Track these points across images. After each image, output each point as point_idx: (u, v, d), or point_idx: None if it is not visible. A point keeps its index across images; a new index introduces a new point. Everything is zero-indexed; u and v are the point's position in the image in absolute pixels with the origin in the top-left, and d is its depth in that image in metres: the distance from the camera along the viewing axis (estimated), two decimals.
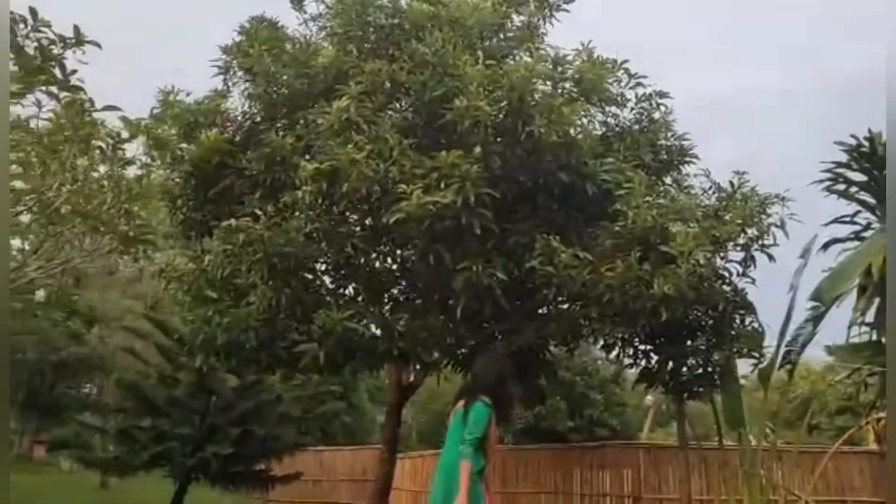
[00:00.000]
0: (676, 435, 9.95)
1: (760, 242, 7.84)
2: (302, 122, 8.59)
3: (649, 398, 28.24)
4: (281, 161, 8.42)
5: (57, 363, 19.58)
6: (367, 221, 8.51)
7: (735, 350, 7.76)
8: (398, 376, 10.25)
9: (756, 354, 7.93)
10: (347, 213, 8.43)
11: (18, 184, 3.38)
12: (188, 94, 9.40)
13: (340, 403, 20.92)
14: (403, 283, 9.48)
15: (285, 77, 8.86)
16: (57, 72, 3.94)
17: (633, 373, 21.91)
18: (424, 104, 8.05)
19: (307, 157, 8.23)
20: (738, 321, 7.93)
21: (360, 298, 9.43)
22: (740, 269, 7.99)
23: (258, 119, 9.37)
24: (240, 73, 9.29)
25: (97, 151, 3.91)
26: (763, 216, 7.79)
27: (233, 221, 7.64)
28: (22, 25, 3.93)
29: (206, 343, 8.27)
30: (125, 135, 4.14)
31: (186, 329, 13.55)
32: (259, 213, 7.96)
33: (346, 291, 9.40)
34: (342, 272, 9.21)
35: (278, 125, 9.08)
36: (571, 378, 18.89)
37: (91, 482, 18.88)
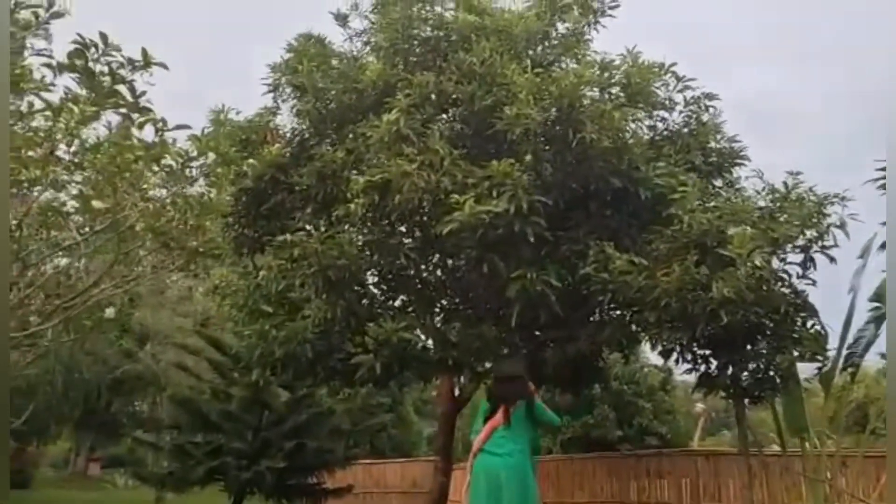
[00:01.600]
0: (727, 443, 9.77)
1: (820, 244, 7.67)
2: (351, 136, 8.67)
3: (700, 406, 27.77)
4: (332, 175, 8.51)
5: (112, 381, 20.00)
6: (418, 232, 8.54)
7: (798, 353, 7.59)
8: (450, 386, 10.25)
9: (820, 357, 7.75)
10: (399, 225, 8.47)
11: (97, 203, 3.47)
12: (238, 113, 9.60)
13: (389, 416, 20.99)
14: (454, 292, 9.48)
15: (333, 92, 8.96)
16: (127, 94, 4.03)
17: (680, 380, 21.50)
18: (473, 114, 8.08)
19: (356, 170, 8.32)
20: (799, 324, 7.75)
21: (410, 309, 9.47)
22: (800, 271, 7.82)
23: (307, 135, 9.50)
24: (289, 90, 9.43)
25: (166, 170, 4.00)
26: (821, 217, 7.64)
27: (287, 236, 7.73)
28: (93, 50, 4.04)
29: (263, 357, 8.37)
30: (193, 153, 4.23)
31: (238, 344, 13.82)
32: (310, 227, 8.05)
33: (398, 303, 9.44)
34: (394, 283, 9.25)
35: (328, 140, 9.21)
36: (619, 386, 18.71)
37: (146, 498, 19.20)
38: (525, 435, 6.39)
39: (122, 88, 4.06)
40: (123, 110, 4.09)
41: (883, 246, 9.00)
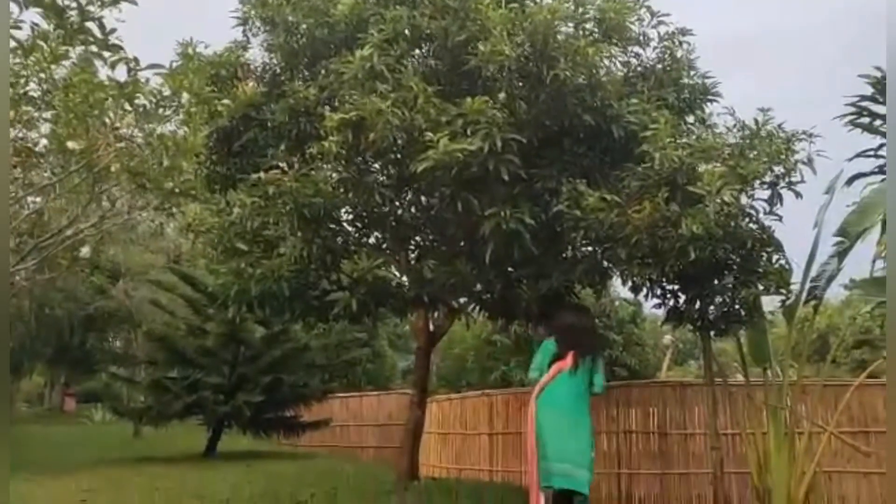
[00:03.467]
0: (694, 373, 10.10)
1: (787, 180, 7.83)
2: (324, 72, 8.57)
3: (668, 337, 28.51)
4: (305, 112, 8.43)
5: (85, 317, 19.96)
6: (392, 170, 8.54)
7: (763, 287, 7.82)
8: (426, 322, 10.41)
9: (784, 291, 8.00)
10: (373, 163, 8.47)
11: (71, 144, 3.45)
12: (206, 47, 9.39)
13: (364, 350, 21.28)
14: (429, 230, 9.55)
15: (305, 26, 8.80)
16: (97, 31, 3.97)
17: (650, 313, 22.00)
18: (447, 50, 8.01)
19: (330, 107, 8.24)
20: (765, 259, 7.97)
21: (385, 246, 9.55)
22: (767, 207, 8.00)
23: (278, 70, 9.36)
24: (258, 24, 9.24)
25: (140, 109, 3.96)
26: (790, 153, 7.76)
27: (262, 174, 7.70)
28: None
29: (239, 294, 8.42)
30: (167, 92, 4.18)
31: (213, 282, 13.86)
32: (284, 165, 8.02)
33: (373, 240, 9.51)
34: (368, 221, 9.28)
35: (300, 76, 9.08)
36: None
37: (124, 432, 19.46)
38: (585, 380, 7.64)
39: (91, 25, 3.98)
40: (94, 48, 4.02)
41: (849, 181, 9.22)
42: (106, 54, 3.93)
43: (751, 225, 7.94)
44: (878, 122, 9.14)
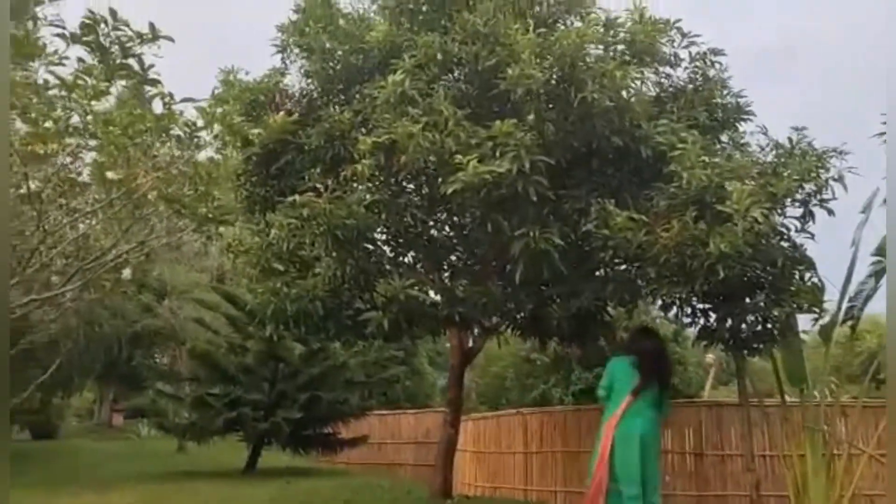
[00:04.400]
0: (738, 392, 10.02)
1: (819, 197, 7.80)
2: (358, 96, 8.81)
3: (710, 356, 28.04)
4: (340, 135, 8.67)
5: (132, 335, 20.54)
6: (424, 191, 8.72)
7: (795, 306, 7.77)
8: (459, 340, 10.52)
9: (816, 310, 7.93)
10: (405, 184, 8.66)
11: (110, 174, 3.69)
12: (247, 73, 9.73)
13: (402, 368, 21.44)
14: (461, 250, 9.70)
15: (340, 53, 9.07)
16: (136, 67, 4.22)
17: (693, 331, 21.85)
18: (477, 74, 8.17)
19: (364, 130, 8.47)
20: (797, 277, 7.92)
21: (418, 266, 9.71)
22: (799, 225, 7.96)
23: (315, 95, 9.64)
24: (296, 51, 9.55)
25: (175, 140, 4.20)
26: (821, 171, 7.73)
27: (297, 197, 7.94)
28: (103, 25, 4.21)
29: (276, 313, 8.64)
30: (200, 123, 4.42)
31: (253, 300, 14.18)
32: (320, 187, 8.25)
33: (406, 260, 9.68)
34: (401, 241, 9.46)
35: (335, 100, 9.34)
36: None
37: (169, 447, 19.89)
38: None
39: (131, 61, 4.24)
40: (133, 82, 4.27)
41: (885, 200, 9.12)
42: (145, 88, 4.17)
43: (782, 243, 7.90)
44: None
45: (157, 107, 4.10)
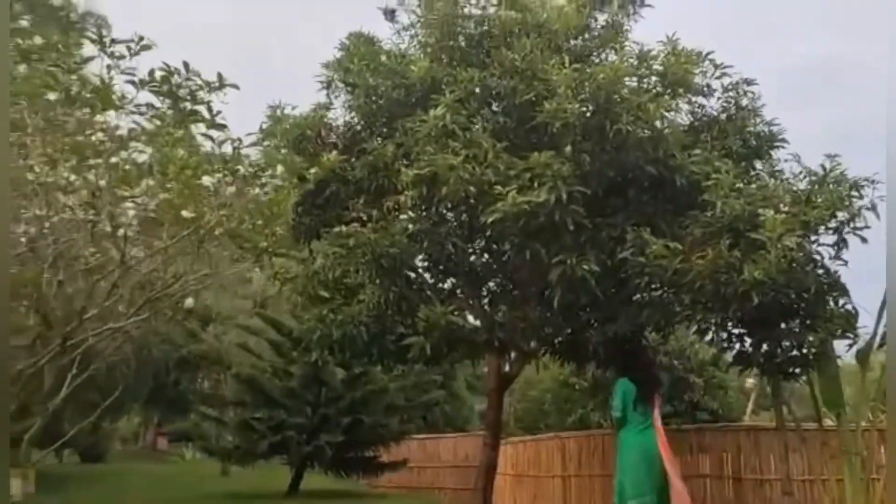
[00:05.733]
0: (774, 417, 10.08)
1: (852, 225, 7.93)
2: (400, 130, 9.17)
3: (751, 381, 27.74)
4: (383, 167, 9.03)
5: (178, 360, 21.11)
6: (464, 220, 9.02)
7: (829, 332, 7.89)
8: (498, 365, 10.75)
9: (850, 335, 8.04)
10: (446, 214, 8.98)
11: (185, 213, 4.06)
12: (294, 108, 10.19)
13: (441, 392, 21.65)
14: (500, 276, 9.97)
15: (383, 88, 9.45)
16: (206, 113, 4.62)
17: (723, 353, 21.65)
18: (515, 108, 8.50)
19: (405, 162, 8.82)
20: (831, 303, 8.05)
21: (458, 292, 10.00)
22: (833, 253, 8.10)
23: (358, 128, 10.04)
24: (341, 86, 9.97)
25: (241, 179, 4.57)
26: (854, 199, 7.87)
27: (343, 227, 8.31)
28: (176, 76, 4.63)
29: (322, 339, 8.98)
30: (261, 161, 4.79)
31: (296, 326, 14.58)
32: (363, 216, 8.62)
33: (446, 286, 9.97)
34: (442, 268, 9.77)
35: (378, 133, 9.72)
36: (669, 362, 18.91)
37: (213, 470, 20.30)
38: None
39: (200, 108, 4.65)
40: (202, 126, 4.67)
41: None
42: (213, 133, 4.57)
43: (816, 270, 8.04)
44: None
45: (227, 148, 4.50)
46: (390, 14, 10.80)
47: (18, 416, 5.26)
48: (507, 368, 10.67)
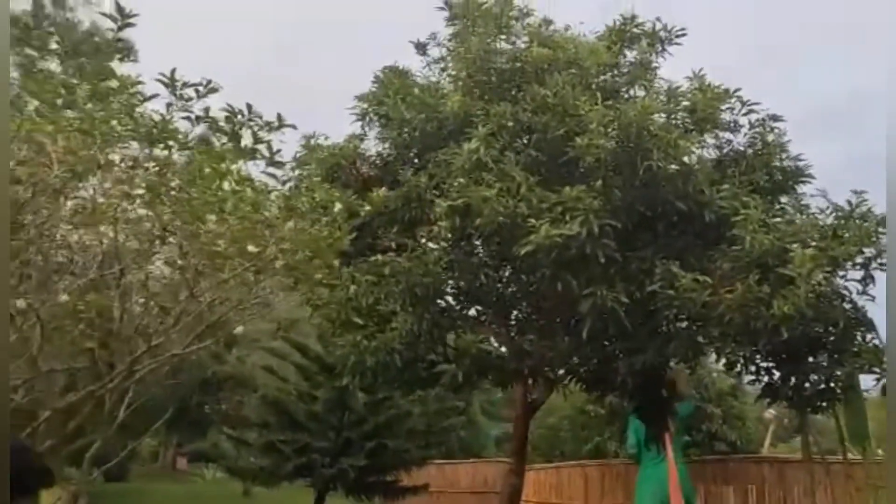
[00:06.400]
0: (801, 449, 10.15)
1: (879, 261, 8.08)
2: (433, 162, 9.41)
3: (769, 412, 27.57)
4: (416, 198, 9.28)
5: (202, 381, 21.35)
6: (495, 251, 9.23)
7: (857, 366, 8.02)
8: (524, 393, 10.90)
9: (877, 370, 8.16)
10: (478, 245, 9.19)
11: (251, 247, 4.30)
12: (326, 138, 10.49)
13: (461, 418, 21.74)
14: (528, 306, 10.15)
15: (416, 121, 9.71)
16: (265, 152, 4.88)
17: (751, 386, 21.71)
18: (547, 142, 8.72)
19: (437, 193, 9.05)
20: (859, 338, 8.19)
21: (487, 321, 10.17)
22: (860, 288, 8.24)
23: (391, 159, 10.31)
24: (375, 119, 10.26)
25: (300, 216, 4.81)
26: (881, 235, 8.03)
27: (379, 256, 8.55)
28: (239, 116, 4.90)
29: (356, 365, 9.17)
30: (317, 198, 5.04)
31: (330, 351, 14.77)
32: (394, 245, 8.86)
33: (476, 314, 10.16)
34: (471, 297, 9.96)
35: (410, 165, 9.99)
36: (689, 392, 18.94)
37: (234, 491, 20.45)
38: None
39: (261, 147, 4.91)
40: (262, 164, 4.93)
41: None
42: (272, 170, 4.82)
43: (844, 305, 8.19)
44: None
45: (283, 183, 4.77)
46: (422, 48, 11.11)
47: (74, 437, 5.49)
48: (533, 396, 10.82)
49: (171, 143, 4.87)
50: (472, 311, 10.29)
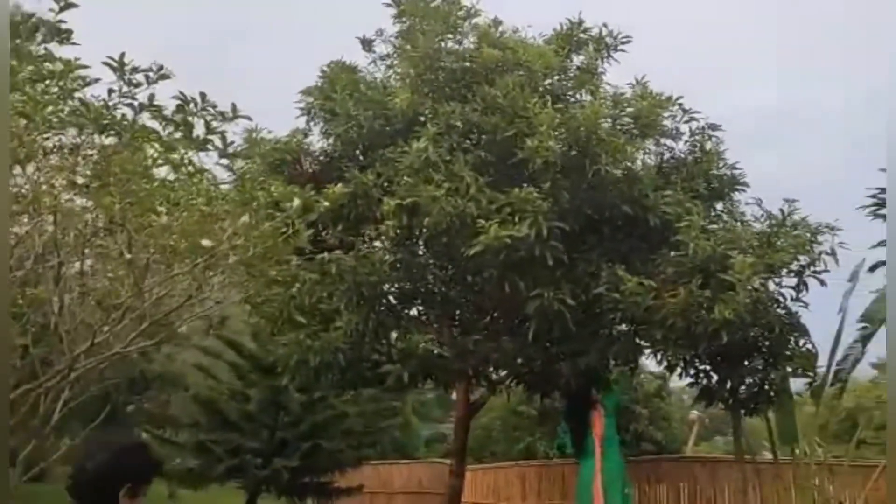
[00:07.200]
0: (721, 449, 10.44)
1: (812, 269, 8.38)
2: (380, 159, 9.28)
3: (694, 413, 28.37)
4: (363, 196, 9.13)
5: (129, 380, 20.55)
6: (443, 251, 9.16)
7: (790, 369, 8.31)
8: (466, 394, 10.88)
9: (810, 374, 8.46)
10: (426, 245, 9.12)
11: (205, 241, 4.12)
12: (270, 132, 10.23)
13: (398, 419, 21.62)
14: (473, 307, 10.12)
15: (363, 117, 9.56)
16: (219, 143, 4.71)
17: (675, 386, 22.14)
18: (496, 143, 8.71)
19: (384, 191, 8.92)
20: (792, 342, 8.47)
21: (432, 321, 10.08)
22: (794, 294, 8.53)
23: (336, 155, 10.12)
24: (321, 114, 10.06)
25: (255, 211, 4.64)
26: (814, 244, 8.33)
27: (326, 255, 8.37)
28: (192, 105, 4.71)
29: (299, 365, 8.97)
30: (275, 193, 4.87)
31: (256, 348, 14.44)
32: (337, 243, 8.71)
33: (421, 315, 10.08)
34: (417, 297, 9.87)
35: (356, 162, 9.82)
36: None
37: (159, 493, 19.77)
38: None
39: (213, 138, 4.73)
40: (214, 155, 4.75)
41: (872, 269, 9.73)
42: (225, 162, 4.64)
43: (779, 311, 8.46)
44: None
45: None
46: (368, 44, 10.96)
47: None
48: (475, 397, 10.82)
49: (115, 130, 4.65)
50: (414, 311, 10.21)
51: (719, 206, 9.88)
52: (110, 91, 4.88)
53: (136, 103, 4.92)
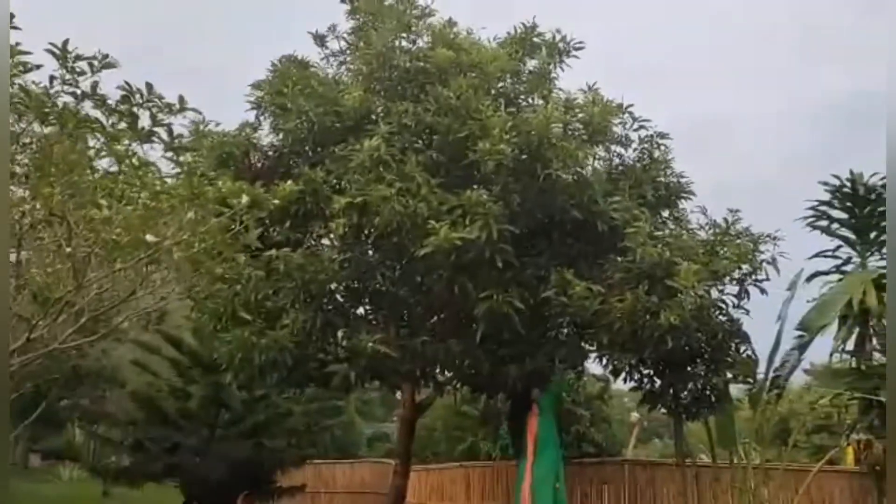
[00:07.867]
0: (661, 451, 10.63)
1: (754, 277, 8.59)
2: (330, 157, 9.15)
3: (635, 415, 28.85)
4: (312, 193, 8.99)
5: (62, 375, 19.90)
6: (392, 251, 9.09)
7: (731, 376, 8.51)
8: (412, 394, 10.84)
9: (750, 380, 8.68)
10: (376, 244, 9.03)
11: (149, 237, 3.98)
12: (218, 125, 9.99)
13: (342, 418, 21.44)
14: (422, 308, 10.06)
15: (314, 114, 9.41)
16: (164, 136, 4.57)
17: (617, 389, 22.42)
18: (449, 144, 8.69)
19: (334, 189, 8.81)
20: (733, 349, 8.67)
21: (374, 318, 9.99)
22: (736, 301, 8.72)
23: (285, 150, 9.95)
24: (271, 108, 9.87)
25: (202, 206, 4.51)
26: (756, 254, 8.54)
27: (273, 252, 8.21)
28: (138, 96, 4.56)
29: (243, 362, 8.76)
30: (223, 189, 4.73)
31: (196, 343, 14.11)
32: (285, 240, 8.56)
33: (369, 314, 9.97)
34: (365, 297, 9.77)
35: (306, 158, 9.67)
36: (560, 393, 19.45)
37: (94, 491, 19.21)
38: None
39: (159, 130, 4.59)
40: (161, 147, 4.61)
41: (809, 279, 10.03)
42: (170, 155, 4.50)
43: (721, 318, 8.64)
44: (835, 226, 10.04)
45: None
46: (320, 39, 10.83)
47: None
48: (421, 397, 10.77)
49: (57, 118, 4.47)
50: (362, 311, 10.10)
51: (665, 213, 10.02)
52: (52, 78, 4.70)
53: (78, 92, 4.75)
